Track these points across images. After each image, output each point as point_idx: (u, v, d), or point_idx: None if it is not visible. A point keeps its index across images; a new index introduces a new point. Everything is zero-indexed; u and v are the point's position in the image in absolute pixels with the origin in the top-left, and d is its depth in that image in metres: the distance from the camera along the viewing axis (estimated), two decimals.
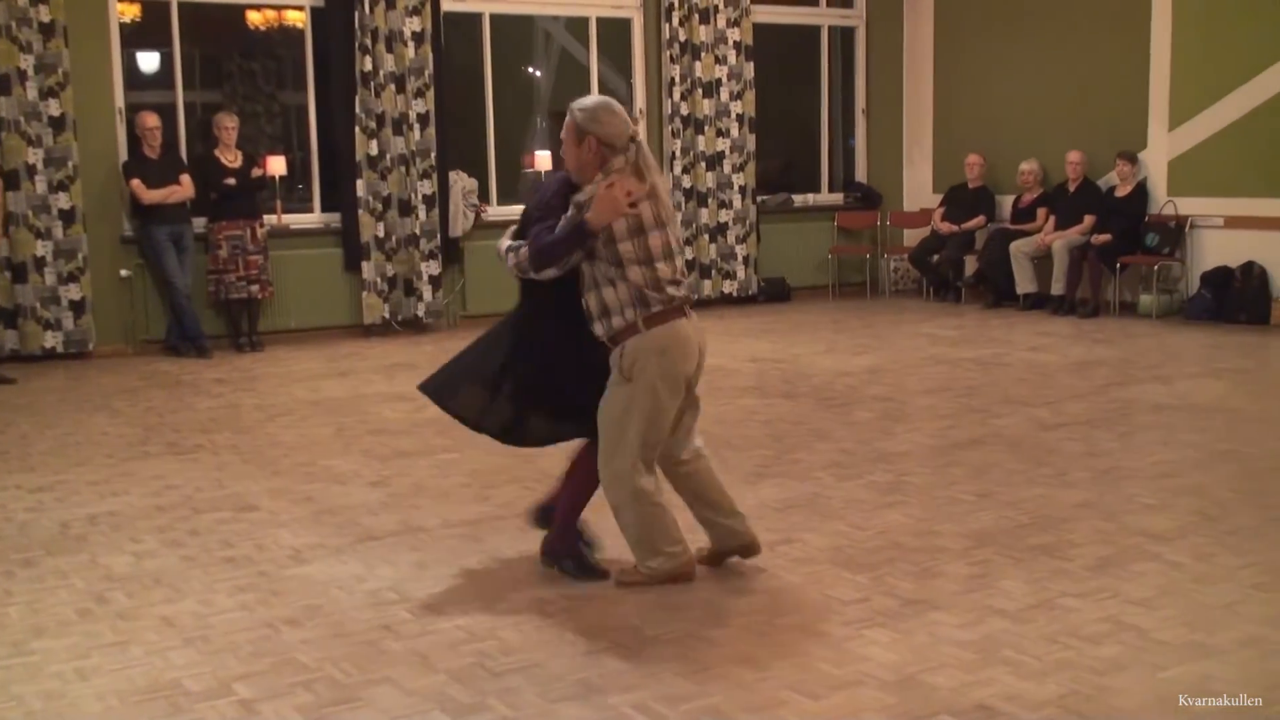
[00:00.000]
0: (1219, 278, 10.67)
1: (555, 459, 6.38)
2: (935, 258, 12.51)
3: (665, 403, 4.27)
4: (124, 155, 10.13)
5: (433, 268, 11.14)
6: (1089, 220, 11.39)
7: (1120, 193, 11.35)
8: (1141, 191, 11.28)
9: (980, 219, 12.43)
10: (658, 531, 4.36)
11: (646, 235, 4.21)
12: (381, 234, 10.95)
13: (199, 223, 10.22)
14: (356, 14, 10.69)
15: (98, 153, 10.04)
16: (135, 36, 10.83)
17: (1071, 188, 11.68)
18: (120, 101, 10.22)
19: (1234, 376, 8.25)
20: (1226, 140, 10.74)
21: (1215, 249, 10.83)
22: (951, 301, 12.55)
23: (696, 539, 4.56)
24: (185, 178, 10.00)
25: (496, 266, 12.80)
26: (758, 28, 12.61)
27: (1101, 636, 3.87)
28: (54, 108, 9.71)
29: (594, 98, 4.38)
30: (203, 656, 3.87)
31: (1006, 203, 12.44)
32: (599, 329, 4.28)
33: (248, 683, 3.66)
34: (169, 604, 4.35)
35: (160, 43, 10.73)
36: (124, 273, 10.15)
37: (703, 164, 12.31)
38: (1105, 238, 11.17)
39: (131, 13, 10.64)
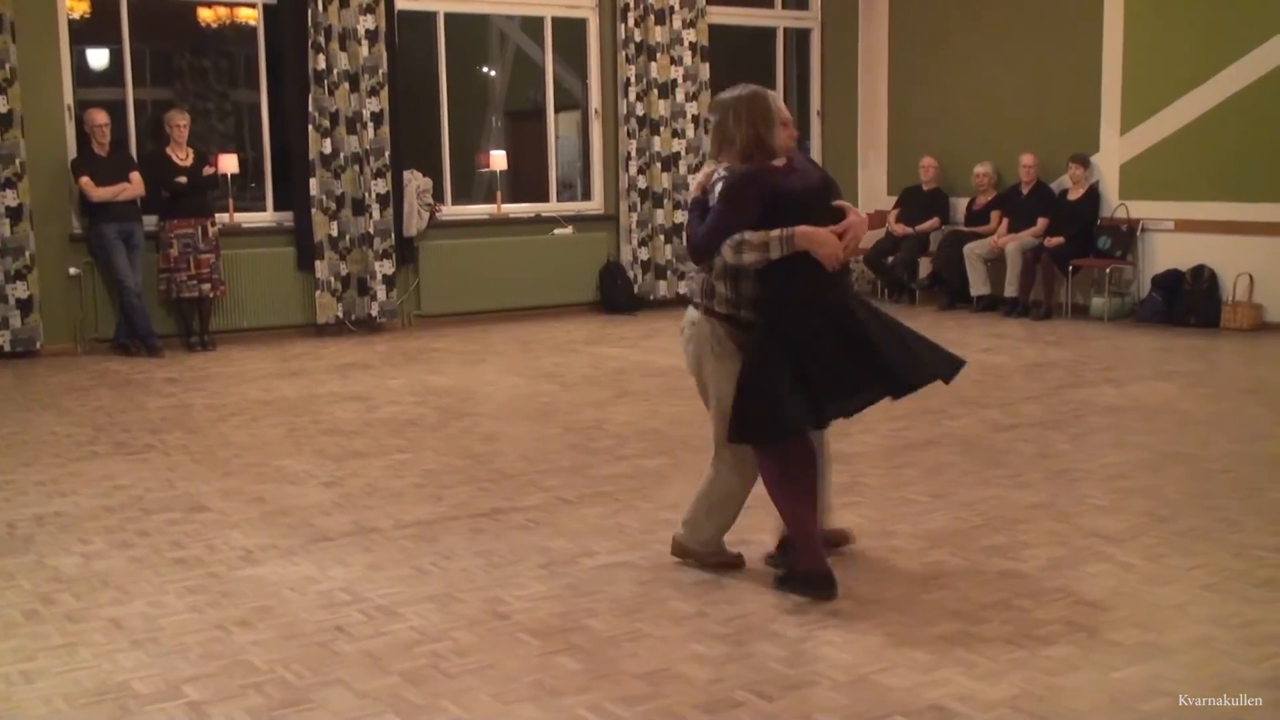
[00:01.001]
0: (1169, 281, 10.77)
1: (510, 460, 6.37)
2: (890, 260, 12.55)
3: None
4: (73, 152, 10.00)
5: (387, 267, 11.06)
6: (1042, 223, 11.48)
7: (1073, 196, 11.44)
8: (1093, 195, 11.38)
9: (934, 221, 12.49)
10: None
11: None
12: (335, 233, 10.88)
13: (150, 221, 10.11)
14: (310, 11, 10.60)
15: (46, 150, 9.90)
16: (84, 33, 10.71)
17: (1025, 190, 11.76)
18: (69, 98, 10.08)
19: (1184, 379, 8.33)
20: (1177, 144, 10.84)
21: (1166, 252, 10.94)
22: (906, 303, 12.60)
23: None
24: (135, 175, 9.89)
25: (450, 266, 12.70)
26: (713, 29, 12.61)
27: (1054, 637, 3.89)
28: (1, 104, 9.57)
29: None
30: (152, 659, 3.83)
31: (960, 205, 12.51)
32: None
33: (197, 685, 3.62)
34: (118, 605, 4.30)
35: (110, 39, 10.60)
36: (73, 271, 10.02)
37: (658, 164, 12.30)
38: (1058, 240, 11.26)
39: (81, 8, 10.52)
